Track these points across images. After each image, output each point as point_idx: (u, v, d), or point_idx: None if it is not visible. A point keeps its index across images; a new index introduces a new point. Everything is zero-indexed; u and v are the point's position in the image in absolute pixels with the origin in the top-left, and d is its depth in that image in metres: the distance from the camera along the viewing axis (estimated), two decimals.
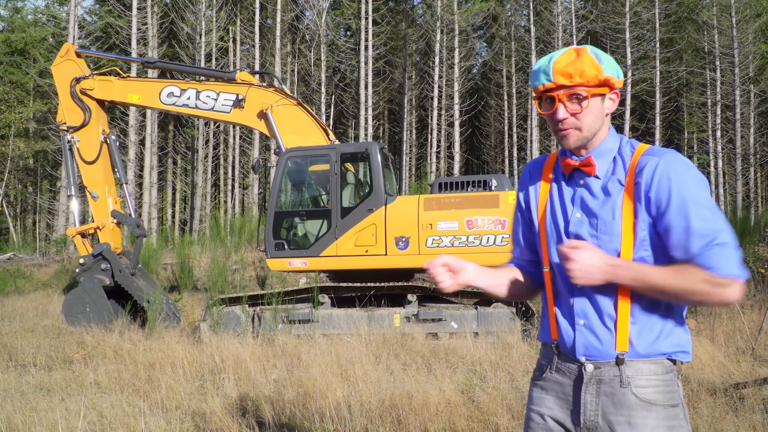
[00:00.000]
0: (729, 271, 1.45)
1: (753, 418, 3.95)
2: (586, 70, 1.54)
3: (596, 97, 1.58)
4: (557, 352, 1.67)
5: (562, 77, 1.55)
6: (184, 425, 4.25)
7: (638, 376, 1.55)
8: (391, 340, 6.71)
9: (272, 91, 8.66)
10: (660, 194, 1.52)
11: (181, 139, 30.54)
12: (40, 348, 6.99)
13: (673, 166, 1.53)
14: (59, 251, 19.29)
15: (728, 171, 26.43)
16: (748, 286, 8.99)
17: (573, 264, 1.47)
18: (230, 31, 28.63)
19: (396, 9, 32.23)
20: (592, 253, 1.48)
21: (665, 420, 1.54)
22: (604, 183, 1.61)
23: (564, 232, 1.64)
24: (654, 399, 1.54)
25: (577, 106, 1.57)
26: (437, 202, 7.57)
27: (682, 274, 1.47)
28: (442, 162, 27.75)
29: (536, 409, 1.69)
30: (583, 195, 1.63)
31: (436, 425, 3.96)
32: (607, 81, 1.57)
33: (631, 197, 1.56)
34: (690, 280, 1.46)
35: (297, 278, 11.86)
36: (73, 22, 22.82)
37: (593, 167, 1.61)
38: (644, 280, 1.48)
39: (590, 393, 1.57)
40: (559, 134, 1.61)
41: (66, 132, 9.12)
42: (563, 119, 1.57)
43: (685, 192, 1.51)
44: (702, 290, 1.46)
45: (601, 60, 1.57)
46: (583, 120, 1.57)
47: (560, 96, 1.56)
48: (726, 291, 1.46)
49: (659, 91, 25.42)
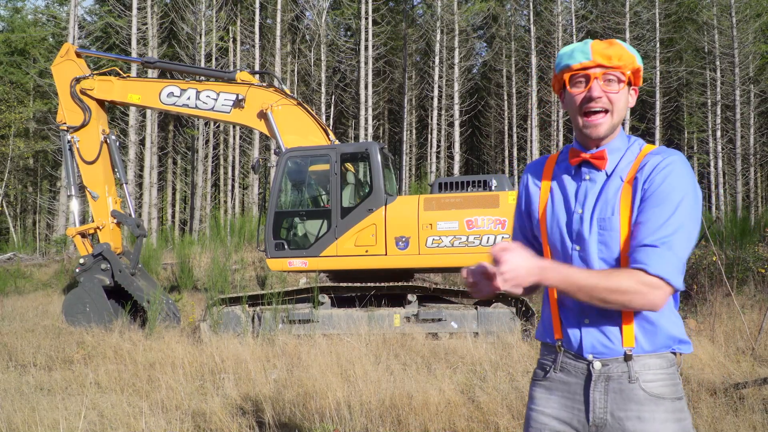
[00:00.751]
0: (660, 270, 1.45)
1: (753, 418, 3.95)
2: (624, 56, 1.56)
3: (626, 87, 1.60)
4: (561, 351, 1.66)
5: (601, 57, 1.55)
6: (184, 425, 4.25)
7: (645, 371, 1.55)
8: (391, 340, 6.70)
9: (272, 91, 8.66)
10: (650, 186, 1.52)
11: (181, 139, 30.54)
12: (40, 348, 7.00)
13: (674, 167, 1.53)
14: (59, 251, 19.29)
15: (728, 171, 26.42)
16: (748, 286, 8.99)
17: (502, 266, 1.42)
18: (230, 31, 28.63)
19: (396, 9, 32.23)
20: (521, 255, 1.44)
21: (673, 413, 1.55)
22: (609, 179, 1.60)
23: (566, 231, 1.63)
24: (661, 393, 1.55)
25: (615, 86, 1.57)
26: (437, 202, 7.57)
27: (612, 275, 1.48)
28: (442, 162, 27.75)
29: (539, 409, 1.68)
30: (587, 190, 1.62)
31: (436, 425, 3.96)
32: (638, 71, 1.59)
33: (629, 192, 1.56)
34: (618, 280, 1.46)
35: (297, 278, 11.86)
36: (73, 22, 22.82)
37: (605, 161, 1.60)
38: (572, 281, 1.46)
39: (599, 390, 1.57)
40: (590, 121, 1.58)
41: (66, 132, 9.11)
42: (598, 97, 1.55)
43: (670, 191, 1.50)
44: (629, 288, 1.45)
45: (634, 51, 1.59)
46: (616, 103, 1.57)
47: (597, 75, 1.56)
48: (653, 293, 1.45)
49: (659, 91, 25.42)
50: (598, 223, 1.58)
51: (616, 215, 1.56)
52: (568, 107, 1.63)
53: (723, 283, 7.20)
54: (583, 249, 1.60)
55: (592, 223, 1.59)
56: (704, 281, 7.85)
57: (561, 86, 1.65)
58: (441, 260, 7.53)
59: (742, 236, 11.02)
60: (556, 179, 1.71)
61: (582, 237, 1.60)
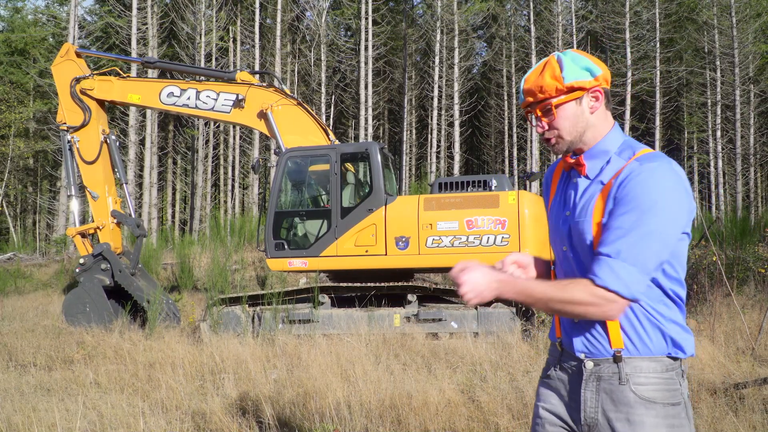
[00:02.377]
0: (608, 282, 1.46)
1: (753, 418, 3.95)
2: (545, 85, 1.61)
3: (568, 104, 1.62)
4: (561, 350, 1.71)
5: (528, 96, 1.66)
6: (184, 425, 4.25)
7: (637, 373, 1.55)
8: (391, 340, 6.70)
9: (272, 91, 8.66)
10: (620, 191, 1.51)
11: (181, 139, 30.54)
12: (40, 348, 6.99)
13: (650, 173, 1.48)
14: (59, 251, 19.29)
15: (728, 171, 26.43)
16: (748, 286, 8.99)
17: (463, 285, 1.50)
18: (230, 31, 28.63)
19: (396, 9, 32.23)
20: (480, 272, 1.52)
21: (665, 418, 1.52)
22: (590, 183, 1.64)
23: (557, 232, 1.72)
24: (653, 397, 1.53)
25: (550, 115, 1.64)
26: (437, 202, 7.57)
27: (567, 286, 1.50)
28: (442, 162, 27.75)
29: (542, 405, 1.73)
30: (573, 193, 1.68)
31: (436, 425, 3.96)
32: (572, 87, 1.60)
33: (603, 197, 1.57)
34: (572, 292, 1.49)
35: (297, 278, 11.86)
36: (73, 22, 22.82)
37: (583, 167, 1.65)
38: (529, 294, 1.52)
39: (590, 390, 1.59)
40: (548, 145, 1.70)
41: (66, 132, 9.11)
42: (542, 132, 1.68)
43: (639, 197, 1.47)
44: (583, 300, 1.48)
45: (564, 67, 1.60)
46: (560, 127, 1.64)
47: (536, 112, 1.67)
48: (607, 305, 1.47)
49: (659, 91, 25.42)
50: (575, 224, 1.62)
51: (587, 219, 1.58)
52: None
53: (723, 283, 7.20)
54: (570, 250, 1.65)
55: (572, 225, 1.63)
56: (704, 281, 7.84)
57: None
58: (441, 260, 7.53)
59: (742, 236, 11.02)
60: (559, 181, 1.78)
61: (567, 238, 1.66)
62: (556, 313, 1.56)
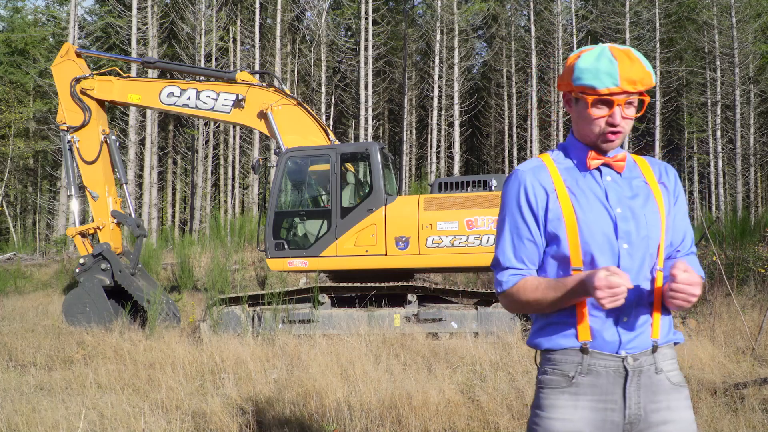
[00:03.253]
0: (703, 274, 1.69)
1: (753, 418, 3.95)
2: (645, 78, 1.56)
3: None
4: (588, 354, 1.60)
5: (628, 84, 1.55)
6: (184, 425, 4.25)
7: (665, 361, 1.62)
8: (391, 340, 6.70)
9: (272, 91, 8.66)
10: (679, 197, 1.72)
11: (181, 139, 30.55)
12: (40, 348, 7.00)
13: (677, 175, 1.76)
14: (59, 251, 19.29)
15: (728, 171, 26.42)
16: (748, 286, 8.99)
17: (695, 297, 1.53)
18: (230, 31, 28.63)
19: (396, 9, 32.23)
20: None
21: (687, 399, 1.64)
22: (629, 180, 1.67)
23: (613, 230, 1.60)
24: (679, 381, 1.63)
25: (632, 111, 1.61)
26: (437, 202, 7.57)
27: (697, 281, 1.63)
28: (442, 162, 27.75)
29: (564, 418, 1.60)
30: (616, 190, 1.65)
31: (436, 425, 3.96)
32: (652, 86, 1.61)
33: (660, 196, 1.67)
34: (697, 290, 1.59)
35: (297, 278, 11.85)
36: (73, 22, 22.82)
37: (625, 163, 1.67)
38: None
39: (634, 386, 1.58)
40: (607, 136, 1.62)
41: (66, 132, 9.11)
42: (619, 124, 1.59)
43: (683, 194, 1.74)
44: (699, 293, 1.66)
45: (649, 67, 1.59)
46: (628, 124, 1.63)
47: (620, 101, 1.57)
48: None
49: (659, 91, 25.42)
50: (647, 222, 1.62)
51: (657, 216, 1.64)
52: (582, 120, 1.64)
53: (723, 283, 7.20)
54: (631, 246, 1.60)
55: (636, 220, 1.62)
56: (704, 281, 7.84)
57: (571, 95, 1.65)
58: (441, 260, 7.53)
59: (742, 236, 11.02)
60: (569, 182, 1.66)
61: (629, 235, 1.61)
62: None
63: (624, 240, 1.60)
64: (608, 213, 1.62)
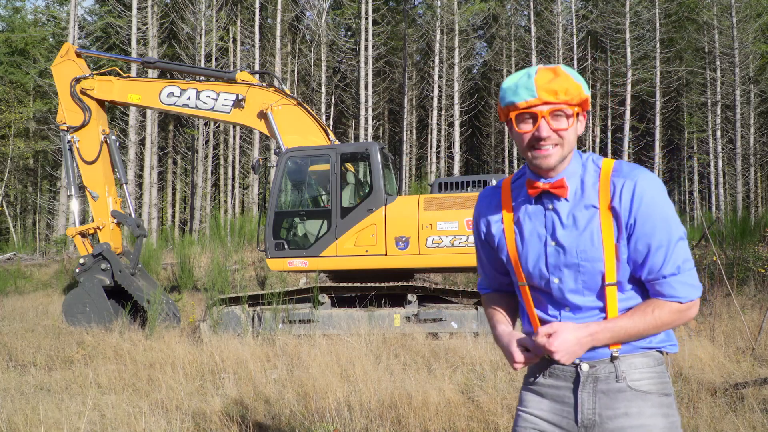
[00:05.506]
0: (690, 295, 1.55)
1: (753, 418, 3.95)
2: (570, 88, 1.51)
3: (575, 118, 1.56)
4: (549, 358, 1.63)
5: (546, 93, 1.50)
6: (184, 425, 4.25)
7: (632, 370, 1.58)
8: (391, 340, 6.70)
9: (272, 91, 8.66)
10: (640, 218, 1.52)
11: (181, 139, 30.55)
12: (40, 348, 7.00)
13: (648, 189, 1.53)
14: (59, 251, 19.29)
15: (728, 171, 26.43)
16: (748, 286, 8.99)
17: (554, 351, 1.50)
18: (230, 31, 28.64)
19: (396, 9, 32.24)
20: (567, 331, 1.51)
21: (660, 408, 1.58)
22: (573, 207, 1.58)
23: (544, 263, 1.61)
24: (648, 389, 1.58)
25: (563, 122, 1.53)
26: (437, 202, 7.57)
27: (653, 314, 1.55)
28: (442, 162, 27.75)
29: (528, 410, 1.70)
30: (554, 222, 1.60)
31: (436, 425, 3.96)
32: (586, 101, 1.56)
33: (609, 221, 1.55)
34: (660, 317, 1.55)
35: (297, 278, 11.85)
36: (73, 22, 22.83)
37: (565, 189, 1.57)
38: (624, 335, 1.55)
39: (587, 391, 1.60)
40: (539, 153, 1.54)
41: (66, 132, 9.11)
42: (547, 137, 1.52)
43: (662, 216, 1.53)
44: (670, 320, 1.56)
45: (579, 79, 1.54)
46: (567, 137, 1.54)
47: (543, 113, 1.51)
48: (690, 312, 1.57)
49: (659, 91, 25.43)
50: (578, 254, 1.56)
51: (597, 245, 1.55)
52: (516, 143, 1.61)
53: (723, 283, 7.20)
54: (562, 281, 1.59)
55: (568, 253, 1.57)
56: (704, 281, 7.84)
57: (507, 119, 1.61)
58: (441, 260, 7.53)
59: (742, 236, 11.02)
60: (518, 211, 1.67)
61: (559, 268, 1.59)
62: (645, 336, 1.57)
63: (555, 275, 1.60)
64: (544, 247, 1.61)
